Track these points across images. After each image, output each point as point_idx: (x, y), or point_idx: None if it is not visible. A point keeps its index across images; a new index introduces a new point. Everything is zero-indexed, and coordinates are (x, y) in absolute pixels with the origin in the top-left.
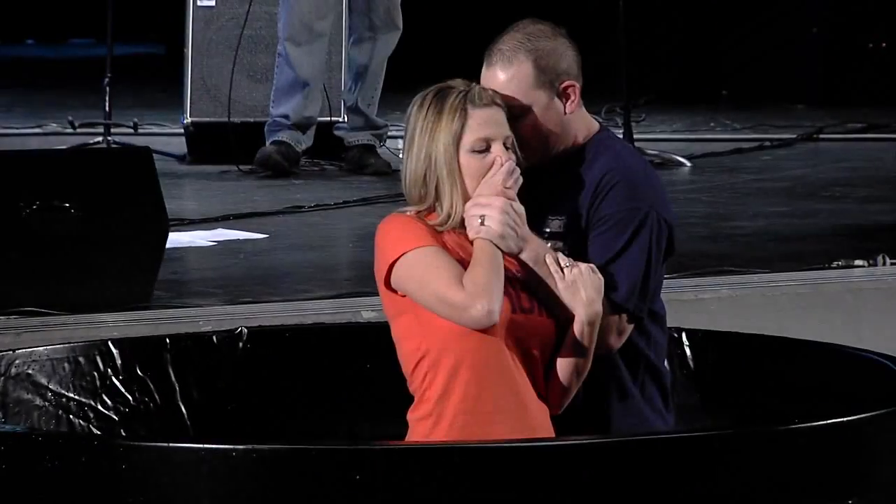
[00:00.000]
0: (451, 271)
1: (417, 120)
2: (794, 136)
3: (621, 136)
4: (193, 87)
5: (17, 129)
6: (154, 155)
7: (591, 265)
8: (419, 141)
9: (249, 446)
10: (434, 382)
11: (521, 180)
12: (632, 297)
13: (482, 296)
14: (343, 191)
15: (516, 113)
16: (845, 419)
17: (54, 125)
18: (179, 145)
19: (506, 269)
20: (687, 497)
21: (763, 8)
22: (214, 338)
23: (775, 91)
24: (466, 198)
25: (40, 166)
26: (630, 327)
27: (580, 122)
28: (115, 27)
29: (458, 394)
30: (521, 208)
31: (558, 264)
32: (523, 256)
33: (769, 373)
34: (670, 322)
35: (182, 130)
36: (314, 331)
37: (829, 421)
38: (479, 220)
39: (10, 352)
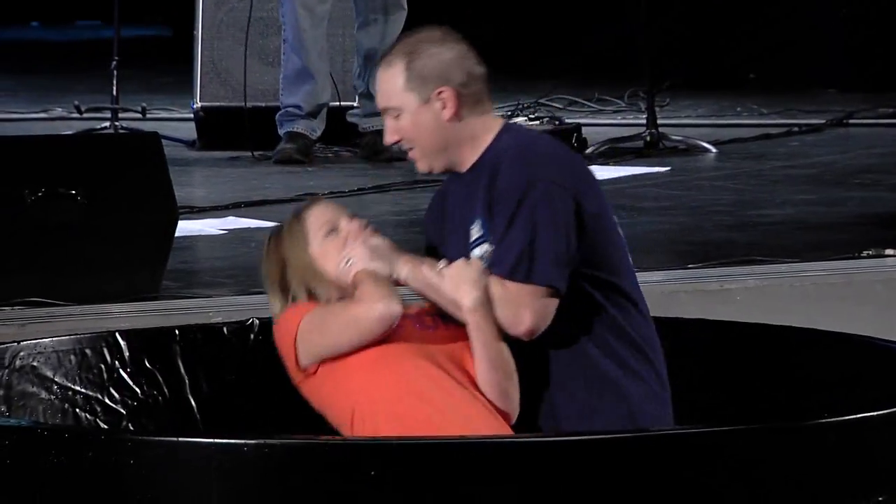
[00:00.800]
0: (339, 305)
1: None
2: (824, 121)
3: (645, 122)
4: (203, 70)
5: (21, 114)
6: (163, 141)
7: (463, 259)
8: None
9: (261, 441)
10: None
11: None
12: (518, 268)
13: (376, 297)
14: (357, 178)
15: (393, 115)
16: (876, 413)
17: (60, 110)
18: (189, 131)
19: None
20: (713, 493)
21: None
22: (225, 329)
23: (804, 75)
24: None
25: (45, 152)
26: (548, 302)
27: (474, 128)
28: (121, 9)
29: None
30: (381, 241)
31: (432, 271)
32: (401, 278)
33: (797, 365)
34: (695, 313)
35: (192, 115)
36: None
37: (859, 415)
38: (346, 262)
39: (15, 343)
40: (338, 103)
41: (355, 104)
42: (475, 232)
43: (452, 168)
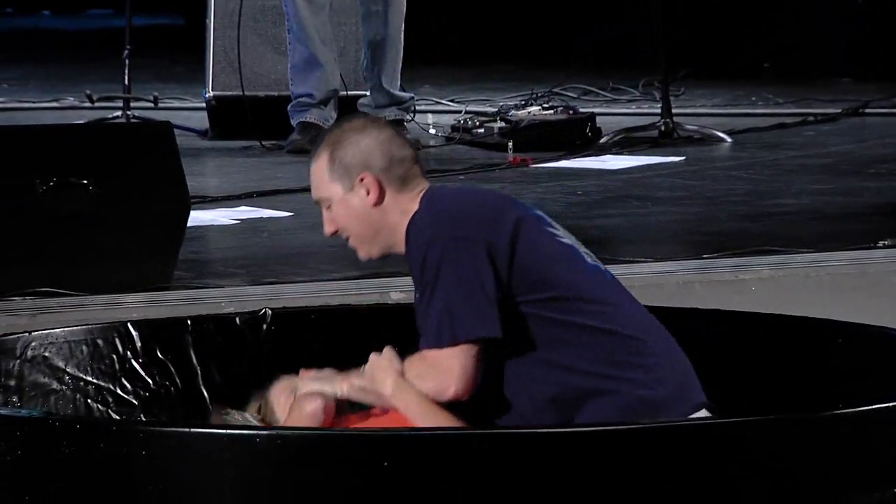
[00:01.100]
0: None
1: None
2: (839, 110)
3: (659, 111)
4: (216, 59)
5: (33, 102)
6: (175, 130)
7: (374, 353)
8: None
9: (274, 432)
10: None
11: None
12: (442, 334)
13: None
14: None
15: (326, 206)
16: (892, 405)
17: (71, 99)
18: (201, 120)
19: None
20: (727, 484)
21: None
22: (237, 319)
23: (819, 64)
24: None
25: (57, 142)
26: (475, 357)
27: (403, 209)
28: None
29: None
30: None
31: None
32: (343, 394)
33: (812, 356)
34: (709, 303)
35: (204, 105)
36: (340, 312)
37: (874, 407)
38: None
39: (26, 333)
40: (345, 92)
41: (367, 93)
42: (419, 319)
43: (391, 252)
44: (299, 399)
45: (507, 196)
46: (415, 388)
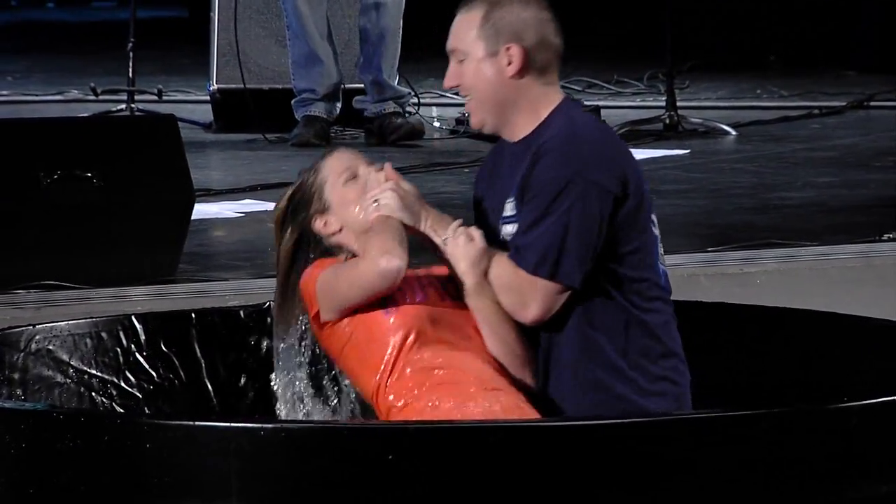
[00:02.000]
0: (349, 263)
1: None
2: (845, 103)
3: (664, 104)
4: (220, 52)
5: (37, 95)
6: (179, 123)
7: (470, 234)
8: None
9: (278, 425)
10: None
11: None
12: (543, 265)
13: (380, 252)
14: (372, 160)
15: (459, 58)
16: None
17: (76, 92)
18: (205, 113)
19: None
20: (737, 475)
21: None
22: (242, 312)
23: (825, 56)
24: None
25: (61, 134)
26: (560, 297)
27: (534, 97)
28: None
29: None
30: (411, 186)
31: (441, 234)
32: (422, 229)
33: (818, 349)
34: (715, 297)
35: (208, 97)
36: None
37: (880, 399)
38: (374, 203)
39: (31, 327)
40: (345, 85)
41: (363, 87)
42: (508, 209)
43: (502, 133)
44: (380, 220)
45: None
46: (492, 293)
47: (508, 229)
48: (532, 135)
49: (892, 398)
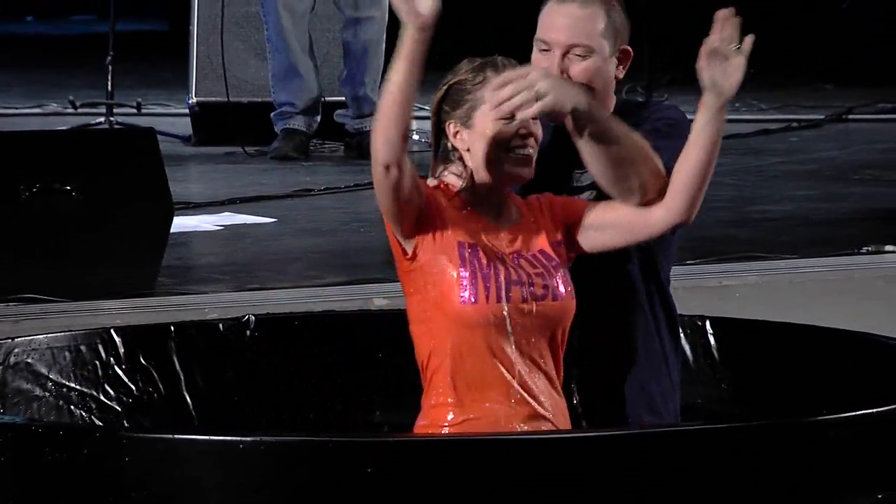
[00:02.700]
0: None
1: None
2: (823, 116)
3: None
4: (199, 66)
5: (16, 108)
6: (158, 136)
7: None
8: None
9: (257, 438)
10: (440, 368)
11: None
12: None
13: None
14: (353, 174)
15: (579, 53)
16: (876, 410)
17: (55, 105)
18: (184, 126)
19: (515, 259)
20: (714, 489)
21: None
22: (221, 325)
23: (803, 70)
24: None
25: (40, 147)
26: None
27: (614, 92)
28: (117, 3)
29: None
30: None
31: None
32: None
33: (797, 362)
34: (694, 310)
35: (187, 111)
36: (324, 318)
37: (859, 412)
38: (533, 94)
39: (9, 340)
40: (324, 98)
41: (343, 100)
42: (585, 178)
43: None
44: None
45: None
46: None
47: (585, 195)
48: None
49: (870, 411)
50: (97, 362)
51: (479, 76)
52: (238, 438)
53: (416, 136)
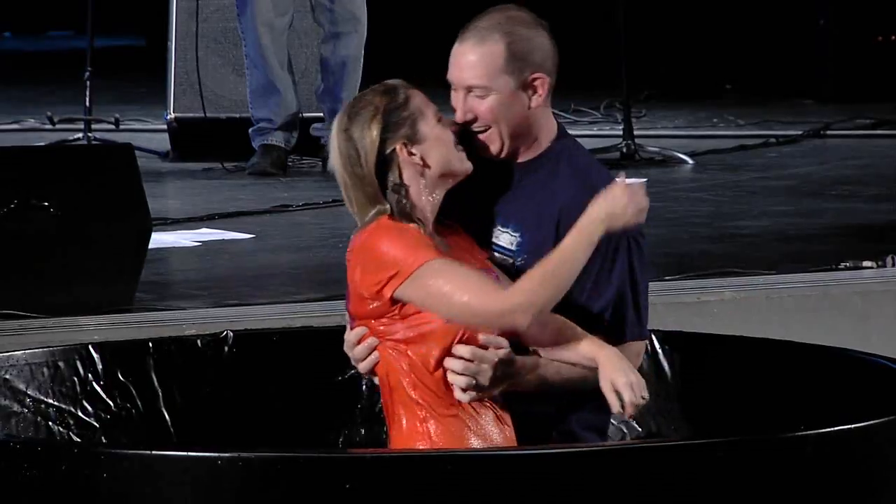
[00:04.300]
0: (476, 276)
1: None
2: (801, 132)
3: (621, 133)
4: (177, 81)
5: None
6: (136, 152)
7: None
8: None
9: (235, 454)
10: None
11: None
12: (636, 326)
13: (522, 307)
14: (331, 189)
15: (479, 94)
16: (853, 426)
17: (32, 121)
18: (162, 142)
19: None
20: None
21: None
22: (199, 341)
23: (781, 86)
24: None
25: (17, 163)
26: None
27: (544, 122)
28: (95, 19)
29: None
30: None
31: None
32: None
33: (774, 378)
34: (671, 325)
35: (165, 126)
36: (302, 334)
37: (836, 428)
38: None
39: None
40: (301, 115)
41: (321, 115)
42: (504, 241)
43: (513, 155)
44: None
45: None
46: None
47: (503, 242)
48: (537, 159)
49: (847, 427)
50: (75, 378)
51: (396, 95)
52: (216, 455)
53: None
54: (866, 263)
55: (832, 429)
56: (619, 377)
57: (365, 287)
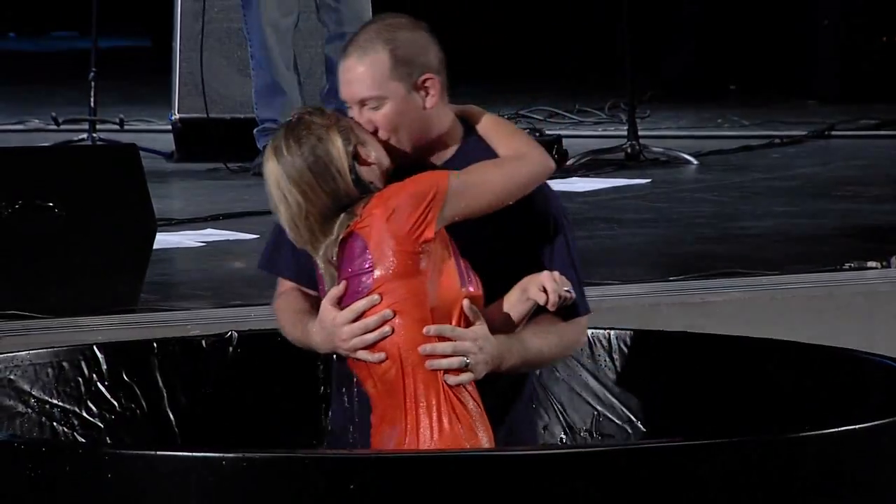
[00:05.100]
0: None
1: None
2: (805, 133)
3: (625, 133)
4: (182, 82)
5: None
6: (141, 152)
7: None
8: None
9: (240, 454)
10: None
11: None
12: (583, 300)
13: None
14: None
15: (373, 106)
16: (857, 427)
17: (37, 121)
18: (167, 142)
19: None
20: None
21: None
22: (203, 342)
23: (785, 86)
24: None
25: (22, 164)
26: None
27: (444, 119)
28: (99, 20)
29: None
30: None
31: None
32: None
33: (779, 378)
34: (676, 326)
35: (170, 127)
36: None
37: (840, 428)
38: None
39: None
40: None
41: None
42: None
43: (426, 159)
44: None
45: None
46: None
47: None
48: (451, 160)
49: (851, 427)
50: (80, 379)
51: (324, 112)
52: (221, 455)
53: None
54: (871, 264)
55: (837, 429)
56: (541, 276)
57: (407, 233)
